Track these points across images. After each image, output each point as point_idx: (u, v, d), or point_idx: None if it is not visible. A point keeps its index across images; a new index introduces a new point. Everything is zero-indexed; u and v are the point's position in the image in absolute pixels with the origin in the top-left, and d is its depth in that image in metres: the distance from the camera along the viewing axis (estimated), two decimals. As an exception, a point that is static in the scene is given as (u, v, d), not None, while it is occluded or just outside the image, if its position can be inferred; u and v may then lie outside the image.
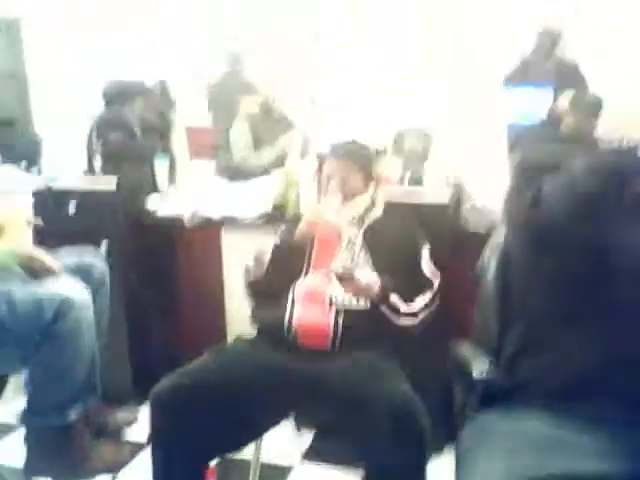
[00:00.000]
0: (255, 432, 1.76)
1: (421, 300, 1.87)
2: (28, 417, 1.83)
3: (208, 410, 1.58)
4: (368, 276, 1.80)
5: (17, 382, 2.03)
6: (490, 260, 1.43)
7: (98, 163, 2.88)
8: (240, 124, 3.22)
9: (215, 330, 2.57)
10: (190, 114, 3.43)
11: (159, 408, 1.60)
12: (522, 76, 3.38)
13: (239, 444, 1.73)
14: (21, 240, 1.95)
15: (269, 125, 3.22)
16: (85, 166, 2.99)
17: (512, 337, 1.22)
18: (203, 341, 1.88)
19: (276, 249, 1.99)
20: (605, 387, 1.06)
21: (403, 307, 1.83)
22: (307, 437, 2.36)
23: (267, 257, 1.98)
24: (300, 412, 1.75)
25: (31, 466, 1.85)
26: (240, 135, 3.18)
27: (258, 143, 3.18)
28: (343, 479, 2.15)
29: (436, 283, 1.93)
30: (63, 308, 1.75)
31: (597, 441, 1.00)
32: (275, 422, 1.75)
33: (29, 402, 1.83)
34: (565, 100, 3.08)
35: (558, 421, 1.03)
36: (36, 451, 1.84)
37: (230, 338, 2.39)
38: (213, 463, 1.75)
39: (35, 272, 1.83)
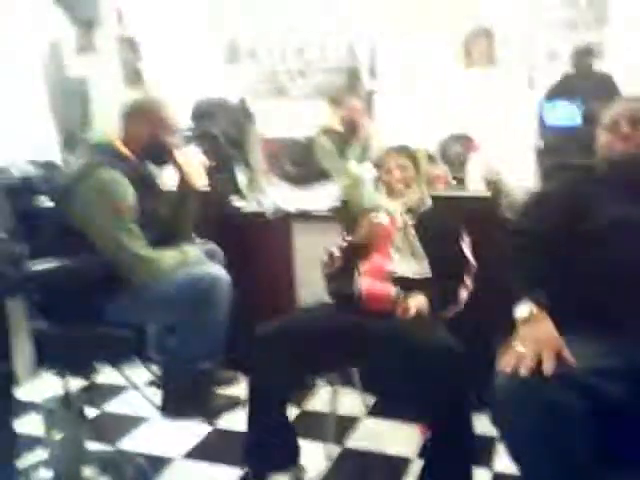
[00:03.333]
0: (326, 369, 2.31)
1: (464, 292, 2.29)
2: (172, 365, 2.33)
3: (292, 348, 2.05)
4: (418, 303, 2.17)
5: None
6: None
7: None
8: (323, 137, 3.66)
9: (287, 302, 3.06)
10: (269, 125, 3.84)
11: (260, 344, 2.10)
12: (562, 91, 3.78)
13: (314, 376, 2.27)
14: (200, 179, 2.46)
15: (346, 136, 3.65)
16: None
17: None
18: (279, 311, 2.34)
19: (345, 246, 2.42)
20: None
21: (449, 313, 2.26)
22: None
23: (337, 253, 2.41)
24: (362, 360, 2.21)
25: (168, 408, 2.35)
26: (325, 145, 3.60)
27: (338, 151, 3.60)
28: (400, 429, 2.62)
29: (474, 265, 2.35)
30: (213, 283, 2.29)
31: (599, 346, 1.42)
32: (342, 365, 2.27)
33: (174, 353, 2.31)
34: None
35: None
36: (173, 395, 2.35)
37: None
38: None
39: None
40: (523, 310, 1.52)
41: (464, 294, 2.29)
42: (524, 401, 1.29)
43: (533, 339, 1.40)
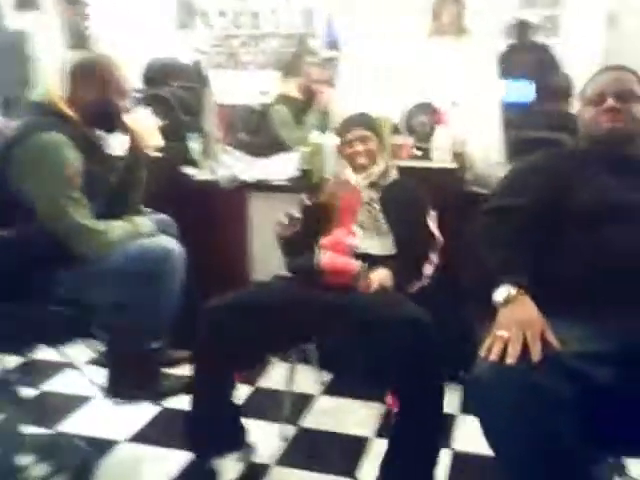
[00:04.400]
0: (282, 347, 2.21)
1: (428, 267, 2.21)
2: (119, 343, 2.18)
3: (246, 324, 1.92)
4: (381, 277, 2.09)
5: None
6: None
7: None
8: (280, 105, 3.53)
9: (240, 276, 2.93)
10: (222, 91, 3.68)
11: (208, 319, 1.96)
12: (507, 61, 3.82)
13: (268, 354, 2.24)
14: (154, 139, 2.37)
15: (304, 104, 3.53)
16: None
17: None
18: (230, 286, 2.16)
19: (306, 209, 2.32)
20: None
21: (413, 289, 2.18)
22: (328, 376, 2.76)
23: (297, 216, 2.29)
24: (324, 335, 2.09)
25: (114, 389, 2.21)
26: (282, 113, 3.49)
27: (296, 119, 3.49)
28: (357, 408, 2.54)
29: (440, 239, 2.27)
30: (165, 256, 2.15)
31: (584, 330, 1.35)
32: (300, 341, 2.17)
33: (122, 330, 2.16)
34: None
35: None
36: (118, 375, 2.20)
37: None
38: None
39: None
40: (502, 293, 1.43)
41: (429, 269, 2.22)
42: (509, 387, 1.21)
43: (515, 322, 1.31)
